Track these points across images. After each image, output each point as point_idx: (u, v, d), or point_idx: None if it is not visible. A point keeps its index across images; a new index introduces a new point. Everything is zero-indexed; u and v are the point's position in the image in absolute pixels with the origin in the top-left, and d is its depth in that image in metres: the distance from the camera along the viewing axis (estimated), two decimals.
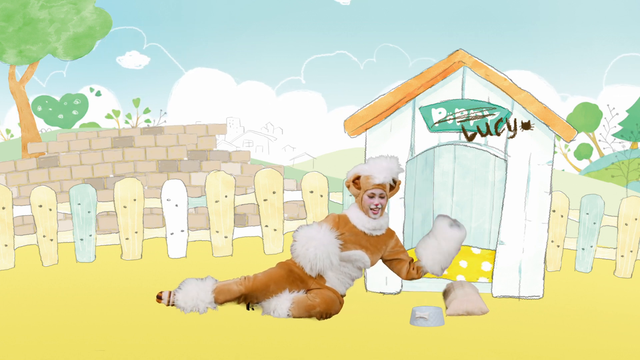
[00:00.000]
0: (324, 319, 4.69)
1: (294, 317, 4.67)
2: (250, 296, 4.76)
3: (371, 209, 4.89)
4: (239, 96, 11.42)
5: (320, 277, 4.83)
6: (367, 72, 10.49)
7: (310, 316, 4.69)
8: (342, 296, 4.92)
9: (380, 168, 4.90)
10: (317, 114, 10.92)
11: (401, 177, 5.14)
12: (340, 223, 4.93)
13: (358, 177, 4.93)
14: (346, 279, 4.91)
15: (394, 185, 4.95)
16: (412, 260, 5.08)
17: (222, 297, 4.73)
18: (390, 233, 5.05)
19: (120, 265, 6.39)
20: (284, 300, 4.71)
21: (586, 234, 6.66)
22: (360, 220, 4.93)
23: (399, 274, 5.10)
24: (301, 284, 4.81)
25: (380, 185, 4.88)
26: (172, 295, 4.80)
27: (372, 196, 4.89)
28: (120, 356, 3.84)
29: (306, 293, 4.77)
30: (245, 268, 4.87)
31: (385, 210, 5.03)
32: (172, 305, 4.79)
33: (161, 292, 4.84)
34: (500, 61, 5.56)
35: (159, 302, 4.83)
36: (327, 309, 4.69)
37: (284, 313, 4.68)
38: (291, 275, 4.82)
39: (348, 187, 4.99)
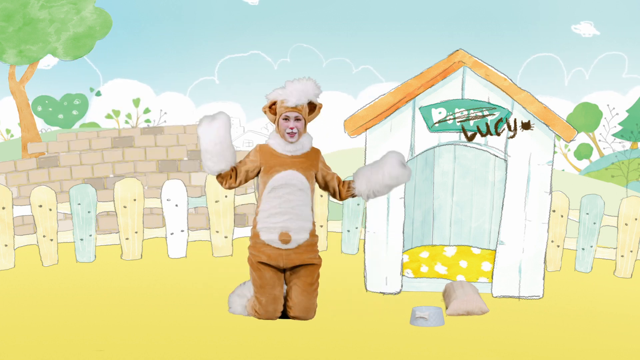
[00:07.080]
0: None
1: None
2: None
3: (287, 132, 4.76)
4: (158, 103, 11.53)
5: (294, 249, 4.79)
6: (281, 72, 10.50)
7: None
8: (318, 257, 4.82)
9: (294, 91, 4.76)
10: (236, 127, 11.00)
11: (321, 100, 4.87)
12: (261, 152, 4.83)
13: (274, 103, 4.81)
14: (300, 207, 4.76)
15: (314, 108, 4.81)
16: (340, 179, 4.95)
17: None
18: (316, 150, 4.91)
19: (120, 265, 6.39)
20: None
21: (586, 234, 6.66)
22: (280, 145, 4.80)
23: (334, 195, 4.95)
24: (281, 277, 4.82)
25: (295, 109, 4.74)
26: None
27: (286, 119, 4.75)
28: (120, 356, 3.84)
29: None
30: (245, 268, 4.85)
31: (308, 132, 4.87)
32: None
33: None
34: (500, 61, 5.55)
35: None
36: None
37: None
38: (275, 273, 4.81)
39: (265, 113, 4.85)
